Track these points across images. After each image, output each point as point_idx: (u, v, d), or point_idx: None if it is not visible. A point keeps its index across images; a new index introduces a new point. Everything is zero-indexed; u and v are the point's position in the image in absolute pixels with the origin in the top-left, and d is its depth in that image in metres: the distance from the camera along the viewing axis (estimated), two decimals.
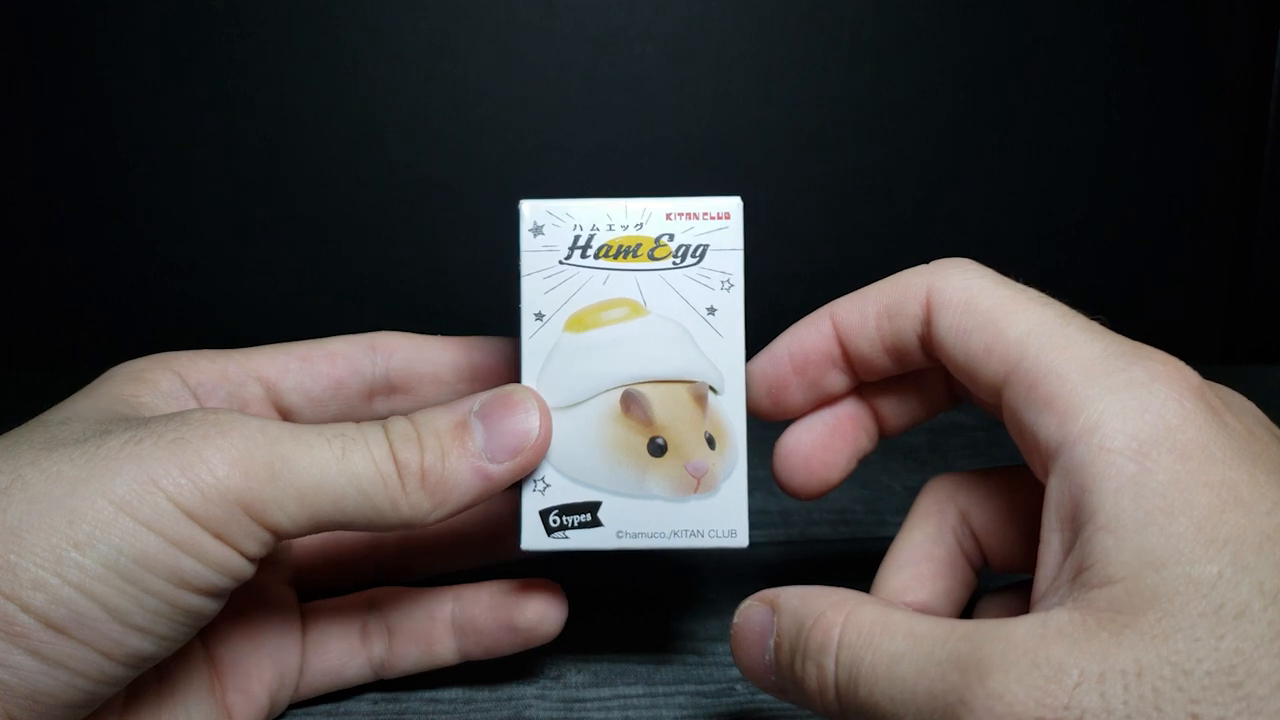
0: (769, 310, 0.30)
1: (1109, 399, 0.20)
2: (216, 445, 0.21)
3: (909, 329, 0.25)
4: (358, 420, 0.29)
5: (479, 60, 0.62)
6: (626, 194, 0.27)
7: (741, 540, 0.25)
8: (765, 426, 0.28)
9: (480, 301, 0.30)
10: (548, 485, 0.25)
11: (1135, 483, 0.18)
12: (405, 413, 0.29)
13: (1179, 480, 0.18)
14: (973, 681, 0.17)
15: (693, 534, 0.25)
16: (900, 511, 0.36)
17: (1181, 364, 0.21)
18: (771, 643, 0.23)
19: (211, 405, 0.26)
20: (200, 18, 0.60)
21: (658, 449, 0.25)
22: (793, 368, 0.27)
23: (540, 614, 0.27)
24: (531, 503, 0.25)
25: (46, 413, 0.24)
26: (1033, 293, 0.23)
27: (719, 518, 0.25)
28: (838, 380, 0.27)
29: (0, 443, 0.22)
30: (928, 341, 0.24)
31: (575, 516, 0.25)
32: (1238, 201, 0.67)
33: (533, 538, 0.25)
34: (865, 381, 0.27)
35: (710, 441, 0.25)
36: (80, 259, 0.63)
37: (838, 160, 0.64)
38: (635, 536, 0.25)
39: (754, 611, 0.23)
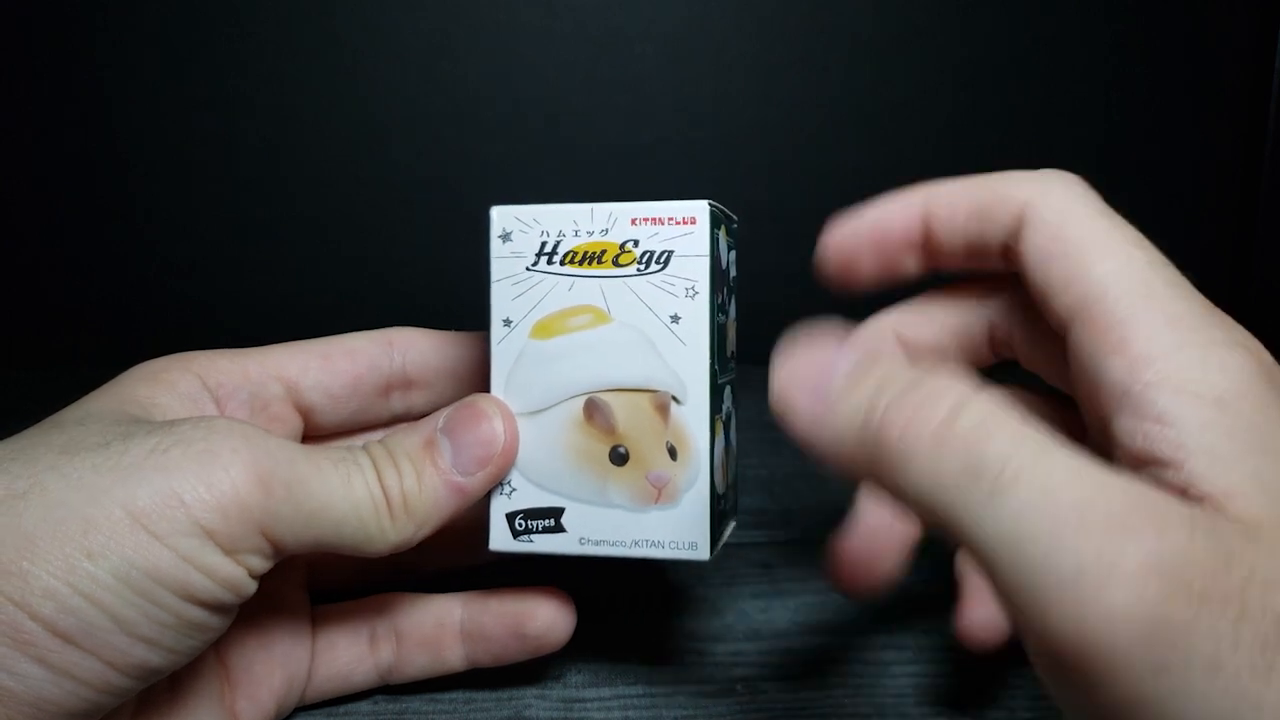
0: (768, 310, 0.30)
1: (1188, 352, 0.19)
2: (244, 459, 0.21)
3: (995, 235, 0.24)
4: (375, 418, 0.29)
5: (479, 60, 0.62)
6: (626, 195, 0.26)
7: (703, 553, 0.25)
8: (769, 427, 0.28)
9: (480, 301, 0.30)
10: (514, 489, 0.25)
11: (1219, 423, 0.18)
12: (422, 408, 0.30)
13: (1264, 428, 0.18)
14: (1150, 520, 0.16)
15: (654, 544, 0.25)
16: None
17: (1258, 343, 0.20)
18: (852, 370, 0.19)
19: (233, 406, 0.26)
20: (200, 18, 0.60)
21: (620, 458, 0.25)
22: (871, 241, 0.26)
23: (549, 622, 0.27)
24: (499, 506, 0.26)
25: (62, 412, 0.23)
26: (1129, 231, 0.22)
27: (681, 529, 0.25)
28: (911, 263, 0.26)
29: (18, 444, 0.21)
30: (1011, 252, 0.24)
31: (539, 521, 0.25)
32: (1238, 201, 0.67)
33: (499, 539, 0.26)
34: (934, 268, 0.26)
35: (672, 452, 0.25)
36: (80, 259, 0.63)
37: (838, 160, 0.64)
38: (598, 544, 0.25)
39: (838, 350, 0.20)
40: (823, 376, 0.20)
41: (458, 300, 0.40)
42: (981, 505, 0.16)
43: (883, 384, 0.19)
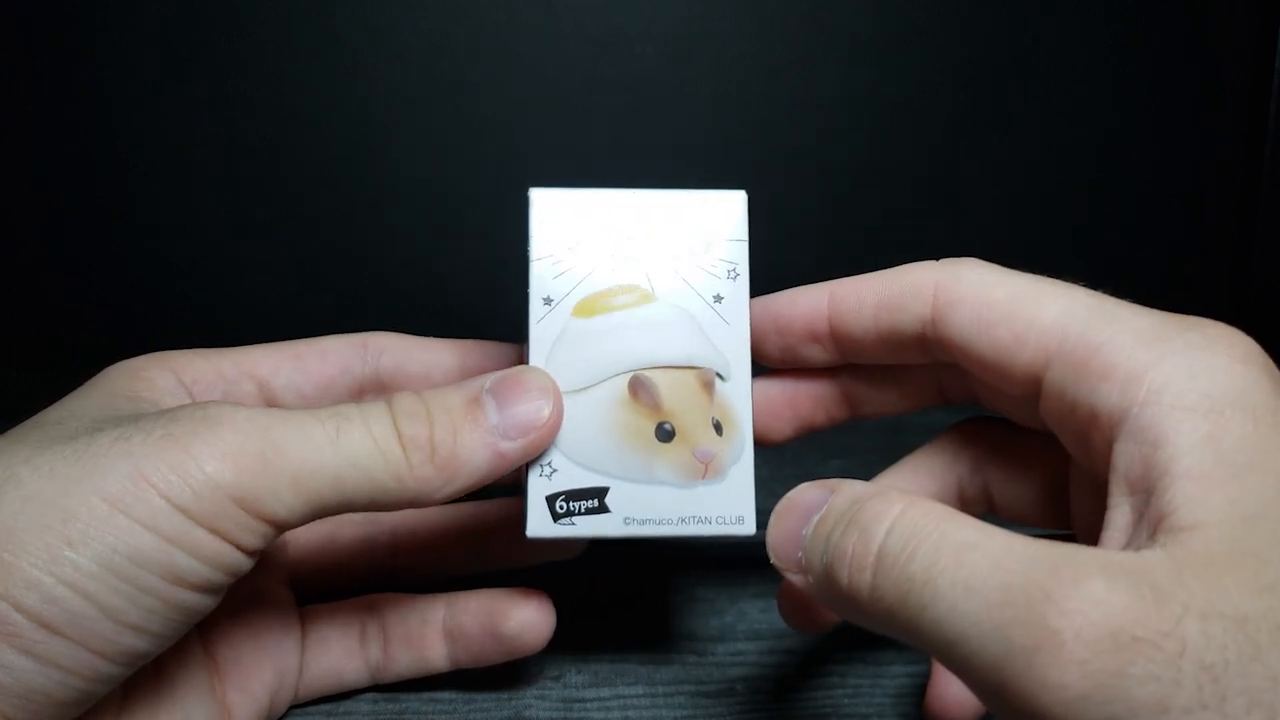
0: None
1: (1173, 360, 0.19)
2: (205, 440, 0.21)
3: (909, 325, 0.24)
4: None
5: (479, 60, 0.62)
6: None
7: (749, 527, 0.25)
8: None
9: (480, 302, 0.30)
10: (554, 470, 0.25)
11: (1213, 438, 0.18)
12: None
13: (1254, 441, 0.18)
14: (1065, 581, 0.16)
15: (701, 520, 0.25)
16: None
17: (1236, 330, 0.20)
18: (816, 518, 0.21)
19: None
20: (200, 18, 0.60)
21: (666, 434, 0.25)
22: (775, 327, 0.27)
23: (524, 624, 0.27)
24: (538, 488, 0.25)
25: (44, 411, 0.24)
26: (1049, 279, 0.23)
27: (726, 504, 0.25)
28: (816, 354, 0.27)
29: None
30: (930, 339, 0.24)
31: (582, 502, 0.25)
32: (1238, 201, 0.67)
33: (538, 524, 0.25)
34: (851, 361, 0.27)
35: (718, 427, 0.25)
36: (80, 259, 0.63)
37: (838, 160, 0.64)
38: (643, 523, 0.25)
39: (810, 489, 0.22)
40: (801, 520, 0.21)
41: (457, 300, 0.40)
42: (918, 619, 0.17)
43: (832, 527, 0.20)
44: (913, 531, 0.18)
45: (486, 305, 0.30)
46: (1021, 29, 0.64)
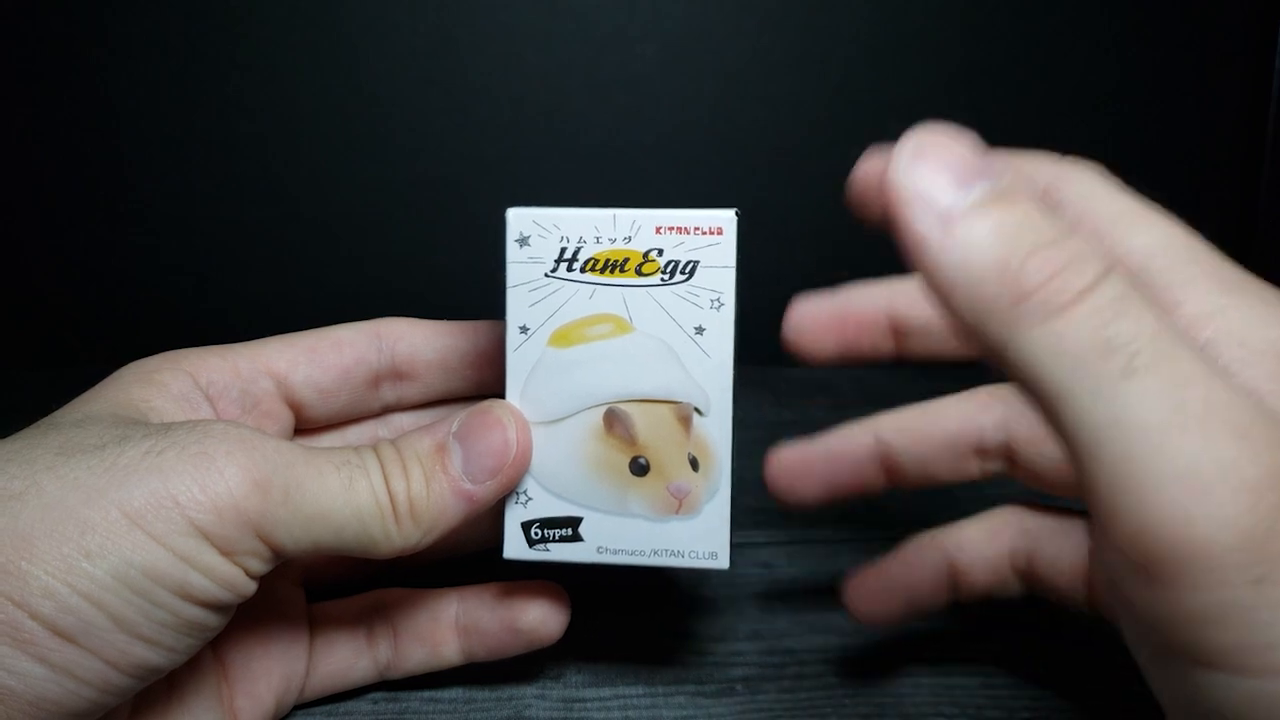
0: (768, 310, 0.30)
1: (1241, 310, 0.19)
2: (239, 463, 0.21)
3: None
4: (366, 409, 0.29)
5: (479, 60, 0.62)
6: (626, 195, 0.26)
7: (722, 562, 0.25)
8: (769, 427, 0.28)
9: (481, 302, 0.30)
10: (530, 499, 0.25)
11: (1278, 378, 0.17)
12: (413, 399, 0.29)
13: None
14: (1264, 437, 0.15)
15: (673, 554, 0.25)
16: (902, 513, 0.36)
17: None
18: (980, 191, 0.18)
19: (224, 405, 0.26)
20: (200, 18, 0.60)
21: (640, 469, 0.25)
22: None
23: (542, 617, 0.27)
24: (514, 515, 0.25)
25: (58, 412, 0.23)
26: (1156, 206, 0.22)
27: (700, 539, 0.25)
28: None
29: (14, 444, 0.21)
30: None
31: (556, 530, 0.25)
32: (1238, 201, 0.67)
33: (514, 548, 0.26)
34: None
35: (694, 463, 0.25)
36: (80, 259, 0.63)
37: (838, 160, 0.64)
38: (615, 553, 0.25)
39: (957, 142, 0.19)
40: (969, 174, 0.17)
41: (458, 300, 0.40)
42: (1107, 384, 0.15)
43: (1024, 225, 0.17)
44: (1130, 293, 0.16)
45: (487, 305, 0.29)
46: (1022, 28, 0.64)
